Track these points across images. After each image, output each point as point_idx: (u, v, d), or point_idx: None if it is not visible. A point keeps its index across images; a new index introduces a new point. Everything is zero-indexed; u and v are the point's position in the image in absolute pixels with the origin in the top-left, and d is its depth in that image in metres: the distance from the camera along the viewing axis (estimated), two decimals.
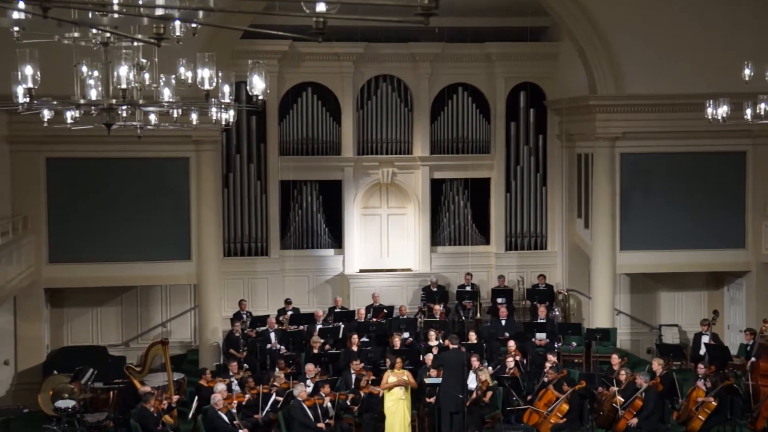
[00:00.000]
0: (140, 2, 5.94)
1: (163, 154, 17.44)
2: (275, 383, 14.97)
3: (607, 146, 18.21)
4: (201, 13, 6.13)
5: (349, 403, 14.61)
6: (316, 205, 20.49)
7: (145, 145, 14.94)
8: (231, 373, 15.41)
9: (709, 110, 12.73)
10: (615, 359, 15.30)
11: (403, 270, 20.88)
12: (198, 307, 18.56)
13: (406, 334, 17.60)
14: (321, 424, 13.81)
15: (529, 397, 14.69)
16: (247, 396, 14.61)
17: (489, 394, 14.71)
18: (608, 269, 18.41)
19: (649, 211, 18.39)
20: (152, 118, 10.27)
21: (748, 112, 12.44)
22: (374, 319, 18.27)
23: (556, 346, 17.19)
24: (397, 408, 14.16)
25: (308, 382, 14.90)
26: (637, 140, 18.13)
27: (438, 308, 18.55)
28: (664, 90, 17.72)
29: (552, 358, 15.27)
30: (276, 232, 20.16)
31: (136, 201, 17.59)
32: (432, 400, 14.64)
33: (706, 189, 18.36)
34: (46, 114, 9.76)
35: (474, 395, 14.46)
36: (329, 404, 14.21)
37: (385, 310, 18.63)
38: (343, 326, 17.82)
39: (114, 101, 8.16)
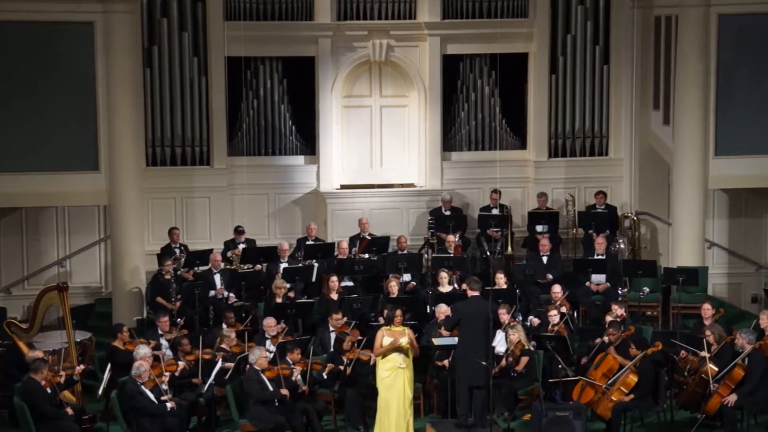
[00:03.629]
0: None
1: (56, 17, 17.34)
2: (222, 345, 15.10)
3: (699, 5, 18.16)
4: None
5: (326, 375, 14.64)
6: (279, 93, 20.40)
7: (29, 3, 14.77)
8: (160, 332, 15.60)
9: None
10: (706, 311, 15.40)
11: (402, 186, 20.88)
12: (110, 237, 18.64)
13: (407, 277, 17.72)
14: (284, 391, 13.94)
15: (583, 362, 14.82)
16: (182, 364, 14.72)
17: (524, 360, 14.87)
18: (697, 183, 18.52)
19: (758, 100, 18.41)
20: None
21: None
22: (362, 255, 18.28)
23: (620, 292, 17.31)
24: (394, 380, 14.15)
25: (269, 343, 15.06)
26: None
27: (452, 239, 18.64)
28: None
29: (616, 309, 15.30)
30: (222, 132, 20.09)
31: (17, 85, 17.53)
32: (445, 363, 14.73)
33: None
34: None
35: (503, 362, 14.62)
36: (299, 376, 14.31)
37: (375, 244, 18.66)
38: (317, 265, 17.95)
39: None
